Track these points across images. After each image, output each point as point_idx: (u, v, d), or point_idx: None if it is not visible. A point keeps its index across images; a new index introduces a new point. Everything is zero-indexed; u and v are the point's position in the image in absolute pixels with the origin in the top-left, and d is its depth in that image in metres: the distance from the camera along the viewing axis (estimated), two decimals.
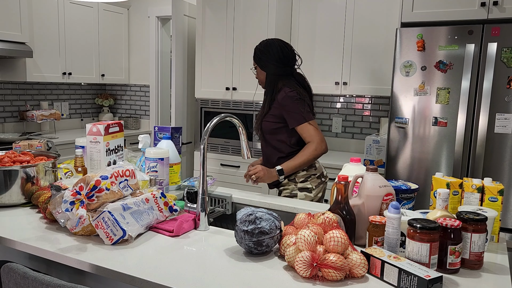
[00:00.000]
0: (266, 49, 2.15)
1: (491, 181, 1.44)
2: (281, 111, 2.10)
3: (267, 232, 1.22)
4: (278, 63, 2.14)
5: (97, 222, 1.31)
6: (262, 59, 2.16)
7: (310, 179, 2.15)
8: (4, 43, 3.40)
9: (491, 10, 2.48)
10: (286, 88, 2.08)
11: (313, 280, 1.12)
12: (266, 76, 2.17)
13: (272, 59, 2.13)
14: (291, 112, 2.06)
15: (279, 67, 2.14)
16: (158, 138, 2.12)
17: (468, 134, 2.53)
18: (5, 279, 1.15)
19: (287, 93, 2.07)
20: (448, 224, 1.17)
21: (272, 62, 2.14)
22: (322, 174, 2.21)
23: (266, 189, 3.39)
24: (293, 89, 2.08)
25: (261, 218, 1.24)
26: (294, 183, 2.14)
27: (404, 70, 2.66)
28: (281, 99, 2.08)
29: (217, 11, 3.46)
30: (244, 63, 3.39)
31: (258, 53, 2.18)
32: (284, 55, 2.14)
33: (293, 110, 2.06)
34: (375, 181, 1.37)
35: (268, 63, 2.15)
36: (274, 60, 2.13)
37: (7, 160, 1.71)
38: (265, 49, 2.16)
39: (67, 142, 3.81)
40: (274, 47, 2.15)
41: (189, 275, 1.14)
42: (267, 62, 2.15)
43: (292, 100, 2.06)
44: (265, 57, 2.15)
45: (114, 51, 4.74)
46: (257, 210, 1.28)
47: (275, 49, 2.14)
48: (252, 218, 1.24)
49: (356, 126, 3.66)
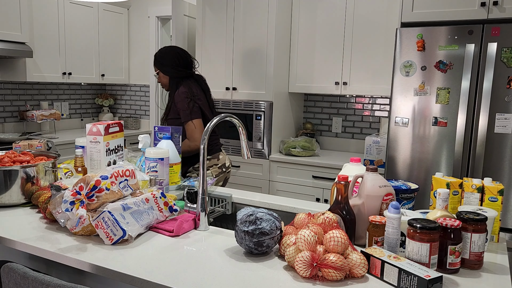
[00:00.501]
0: (164, 56, 2.44)
1: (491, 181, 1.44)
2: (176, 107, 2.37)
3: (267, 233, 1.22)
4: (177, 67, 2.42)
5: (97, 222, 1.31)
6: (163, 64, 2.44)
7: (212, 168, 2.44)
8: (4, 43, 3.40)
9: (491, 10, 2.48)
10: (181, 88, 2.37)
11: (313, 280, 1.12)
12: (169, 80, 2.46)
13: (171, 64, 2.42)
14: (181, 109, 2.34)
15: (178, 70, 2.43)
16: (158, 138, 2.12)
17: (468, 134, 2.53)
18: (5, 279, 1.15)
19: (180, 91, 2.36)
20: (448, 224, 1.17)
21: (171, 66, 2.42)
22: (224, 165, 2.50)
23: (266, 189, 3.40)
24: (186, 89, 2.35)
25: (262, 219, 1.24)
26: (197, 171, 2.43)
27: (404, 70, 2.66)
28: (176, 96, 2.37)
29: (217, 11, 3.46)
30: (244, 63, 3.39)
31: (158, 59, 2.46)
32: (181, 59, 2.43)
33: (182, 108, 2.34)
34: (375, 181, 1.37)
35: (168, 67, 2.43)
36: (174, 64, 2.42)
37: (7, 160, 1.71)
38: (164, 56, 2.44)
39: (67, 142, 3.81)
40: (171, 53, 2.43)
41: (189, 275, 1.14)
42: (167, 67, 2.43)
43: (181, 97, 2.34)
44: (165, 62, 2.43)
45: (114, 51, 4.75)
46: (257, 211, 1.28)
47: (172, 55, 2.42)
48: (252, 219, 1.24)
49: (356, 126, 3.66)
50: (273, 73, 3.29)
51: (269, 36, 3.26)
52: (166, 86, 2.50)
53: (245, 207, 1.32)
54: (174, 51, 2.45)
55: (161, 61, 2.45)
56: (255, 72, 3.36)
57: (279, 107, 3.42)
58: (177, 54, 2.44)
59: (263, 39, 3.30)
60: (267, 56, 3.30)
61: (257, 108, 3.37)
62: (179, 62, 2.43)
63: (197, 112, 2.35)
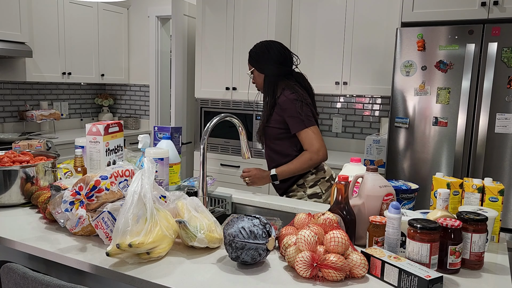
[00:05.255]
0: (264, 50, 2.09)
1: (492, 181, 1.44)
2: (283, 116, 2.03)
3: (250, 262, 1.19)
4: (278, 64, 2.07)
5: (96, 222, 1.30)
6: (260, 62, 2.10)
7: (320, 183, 2.09)
8: (4, 43, 3.40)
9: (492, 10, 2.48)
10: (287, 91, 2.02)
11: (313, 281, 1.12)
12: (265, 79, 2.11)
13: (271, 60, 2.07)
14: (292, 116, 2.00)
15: (278, 68, 2.08)
16: (158, 138, 2.12)
17: (468, 134, 2.53)
18: (4, 279, 1.14)
19: (288, 96, 2.01)
20: (449, 224, 1.17)
21: (271, 63, 2.08)
22: (331, 177, 2.15)
23: (266, 189, 3.39)
24: (293, 91, 2.01)
25: (242, 249, 1.16)
26: (303, 188, 2.09)
27: (405, 70, 2.66)
28: (282, 102, 2.02)
29: (217, 11, 3.46)
30: (244, 63, 3.39)
31: (255, 56, 2.12)
32: (283, 55, 2.08)
33: (294, 115, 1.99)
34: (375, 181, 1.36)
35: (267, 65, 2.09)
36: (273, 61, 2.07)
37: (6, 160, 1.71)
38: (263, 51, 2.09)
39: (66, 142, 3.81)
40: (273, 48, 2.09)
41: (189, 274, 1.14)
42: (266, 63, 2.09)
43: (292, 103, 1.99)
44: (264, 58, 2.09)
45: (114, 51, 4.74)
46: (238, 230, 1.18)
47: (274, 50, 2.08)
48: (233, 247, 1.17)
49: (356, 126, 3.66)
50: None
51: (269, 36, 3.26)
52: (261, 88, 2.16)
53: (231, 219, 1.26)
54: (274, 46, 2.09)
55: (257, 57, 2.10)
56: None
57: None
58: (277, 49, 2.08)
59: (263, 39, 3.29)
60: None
61: (257, 108, 3.37)
62: (279, 58, 2.07)
63: (311, 117, 2.02)
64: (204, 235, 1.26)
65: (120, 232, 1.16)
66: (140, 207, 1.21)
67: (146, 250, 1.19)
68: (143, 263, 1.20)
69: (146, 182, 1.24)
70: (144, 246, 1.17)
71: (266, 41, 2.13)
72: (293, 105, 1.99)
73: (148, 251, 1.20)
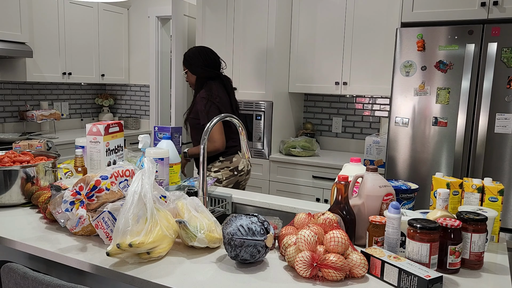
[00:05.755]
0: (196, 55, 2.47)
1: (491, 181, 1.44)
2: (197, 109, 2.41)
3: (250, 260, 1.19)
4: (206, 67, 2.46)
5: (97, 222, 1.31)
6: (192, 64, 2.47)
7: (223, 171, 2.45)
8: (4, 43, 3.40)
9: (491, 10, 2.48)
10: (203, 90, 2.41)
11: (313, 280, 1.12)
12: (197, 79, 2.49)
13: (201, 63, 2.45)
14: (201, 111, 2.39)
15: (207, 70, 2.46)
16: (158, 138, 2.12)
17: (468, 134, 2.53)
18: (5, 279, 1.14)
19: (201, 94, 2.41)
20: (448, 224, 1.17)
21: (201, 66, 2.46)
22: (236, 168, 2.47)
23: (266, 189, 3.39)
24: (208, 91, 2.39)
25: (241, 246, 1.17)
26: (209, 172, 2.47)
27: (404, 70, 2.66)
28: (197, 99, 2.42)
29: (217, 11, 3.46)
30: (244, 63, 3.39)
31: (188, 59, 2.49)
32: (211, 60, 2.47)
33: (201, 110, 2.38)
34: (375, 181, 1.37)
35: (197, 67, 2.46)
36: (203, 64, 2.45)
37: (7, 160, 1.71)
38: (195, 55, 2.47)
39: (67, 142, 3.81)
40: (203, 53, 2.47)
41: (190, 274, 1.14)
42: (196, 66, 2.46)
43: (201, 100, 2.38)
44: (195, 62, 2.46)
45: (114, 51, 4.74)
46: (236, 228, 1.19)
47: (204, 55, 2.46)
48: (232, 245, 1.18)
49: (356, 126, 3.66)
50: (273, 73, 3.28)
51: (269, 36, 3.26)
52: (193, 86, 2.54)
53: (229, 218, 1.26)
54: (203, 51, 2.49)
55: (190, 60, 2.49)
56: (255, 72, 3.36)
57: (279, 107, 3.42)
58: (206, 54, 2.48)
59: (263, 39, 3.30)
60: (267, 56, 3.29)
61: (257, 108, 3.37)
62: (207, 63, 2.47)
63: (215, 114, 2.36)
64: (204, 235, 1.27)
65: (120, 232, 1.16)
66: (140, 207, 1.21)
67: (146, 250, 1.19)
68: (143, 263, 1.21)
69: (146, 182, 1.25)
70: (144, 246, 1.17)
71: (199, 47, 2.53)
72: (202, 102, 2.39)
73: (148, 251, 1.20)
